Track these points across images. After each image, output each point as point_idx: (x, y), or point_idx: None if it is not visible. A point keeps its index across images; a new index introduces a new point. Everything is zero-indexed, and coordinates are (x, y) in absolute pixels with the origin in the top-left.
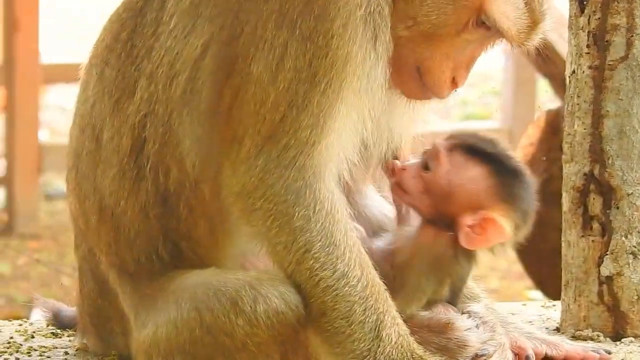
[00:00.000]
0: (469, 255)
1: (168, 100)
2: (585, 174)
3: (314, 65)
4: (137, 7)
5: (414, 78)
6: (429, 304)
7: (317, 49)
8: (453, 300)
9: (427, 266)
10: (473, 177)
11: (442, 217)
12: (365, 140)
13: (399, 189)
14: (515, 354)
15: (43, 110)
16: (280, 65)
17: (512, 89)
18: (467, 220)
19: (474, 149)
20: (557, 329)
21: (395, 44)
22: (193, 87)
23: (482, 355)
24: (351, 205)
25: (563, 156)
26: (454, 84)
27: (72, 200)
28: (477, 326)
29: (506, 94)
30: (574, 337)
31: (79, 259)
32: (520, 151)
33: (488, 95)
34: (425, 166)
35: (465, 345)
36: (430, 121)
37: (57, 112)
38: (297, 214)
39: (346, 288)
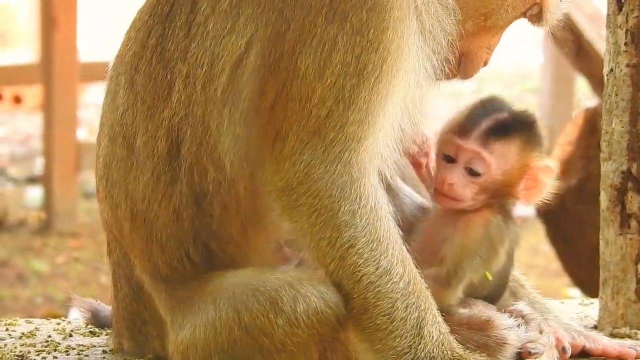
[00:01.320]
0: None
1: (207, 101)
2: (623, 172)
3: (362, 60)
4: (164, 12)
5: (452, 62)
6: (472, 297)
7: (368, 43)
8: (497, 295)
9: (481, 248)
10: (517, 152)
11: (497, 198)
12: (403, 130)
13: (449, 200)
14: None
15: (81, 109)
16: (328, 59)
17: (550, 86)
18: (522, 185)
19: (502, 129)
20: (595, 327)
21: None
22: (235, 86)
23: (534, 354)
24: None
25: (601, 154)
26: (485, 64)
27: (104, 209)
28: (518, 325)
29: (544, 91)
30: (612, 335)
31: (113, 264)
32: (558, 149)
33: (527, 93)
34: (470, 172)
35: (505, 344)
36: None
37: (95, 110)
38: (342, 208)
39: (389, 285)
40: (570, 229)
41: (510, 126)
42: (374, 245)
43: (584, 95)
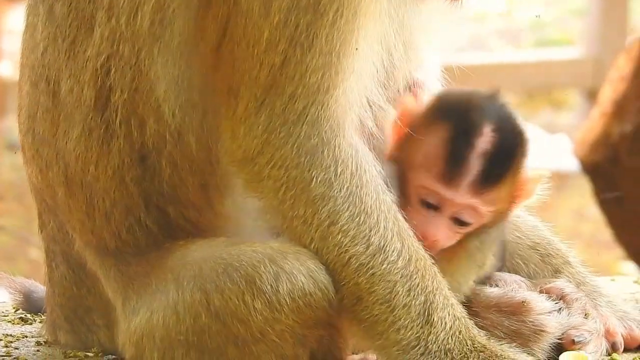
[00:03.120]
0: None
1: (134, 37)
2: None
3: None
4: None
5: None
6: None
7: None
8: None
9: (470, 272)
10: (510, 184)
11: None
12: (387, 70)
13: (428, 249)
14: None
15: (3, 37)
16: None
17: (599, 8)
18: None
19: (494, 172)
20: None
21: None
22: (162, 17)
23: (578, 342)
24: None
25: None
26: None
27: (32, 171)
28: (559, 309)
29: (592, 14)
30: None
31: (46, 239)
32: (608, 86)
33: (569, 16)
34: (458, 222)
35: (542, 331)
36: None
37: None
38: (315, 179)
39: (384, 265)
40: (625, 187)
41: (504, 159)
42: (360, 219)
43: None
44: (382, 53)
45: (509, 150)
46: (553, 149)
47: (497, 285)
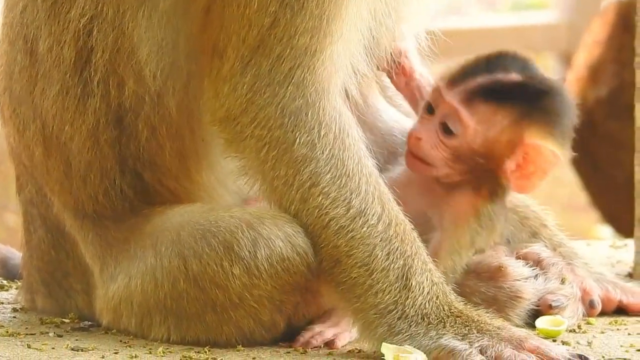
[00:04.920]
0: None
1: None
2: None
3: None
4: None
5: None
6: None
7: None
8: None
9: (475, 239)
10: (507, 124)
11: (480, 177)
12: (373, 38)
13: (418, 163)
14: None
15: None
16: None
17: None
18: (511, 164)
19: (494, 91)
20: (630, 275)
21: None
22: None
23: (555, 307)
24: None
25: (636, 58)
26: None
27: (9, 131)
28: (536, 275)
29: None
30: None
31: (24, 203)
32: (583, 52)
33: None
34: (445, 129)
35: (518, 297)
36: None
37: None
38: (298, 140)
39: (364, 228)
40: (600, 152)
41: (508, 91)
42: (342, 182)
43: None
44: (369, 20)
45: (520, 89)
46: None
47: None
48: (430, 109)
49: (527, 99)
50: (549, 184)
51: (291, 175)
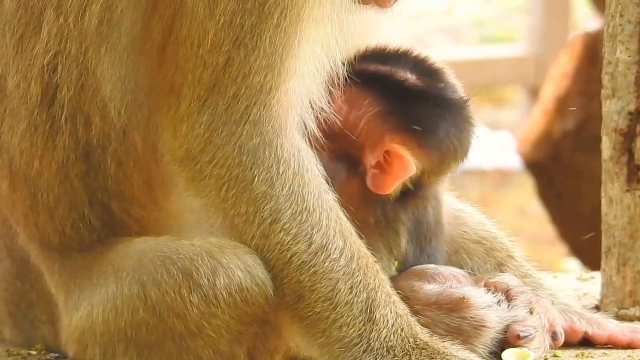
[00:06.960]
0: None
1: (82, 36)
2: (630, 113)
3: None
4: None
5: None
6: (402, 265)
7: None
8: (421, 252)
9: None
10: (371, 115)
11: (354, 162)
12: (330, 73)
13: None
14: None
15: None
16: None
17: (541, 5)
18: (370, 159)
19: (371, 78)
20: (597, 307)
21: None
22: (110, 17)
23: (523, 337)
24: None
25: (602, 90)
26: None
27: None
28: (499, 302)
29: (534, 11)
30: (618, 317)
31: None
32: (550, 85)
33: (511, 13)
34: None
35: (482, 326)
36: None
37: None
38: (257, 178)
39: (326, 263)
40: (566, 184)
41: (383, 83)
42: (302, 217)
43: (583, 16)
44: (323, 56)
45: (396, 88)
46: (495, 146)
47: (436, 281)
48: None
49: (401, 98)
50: (515, 217)
51: (252, 213)
